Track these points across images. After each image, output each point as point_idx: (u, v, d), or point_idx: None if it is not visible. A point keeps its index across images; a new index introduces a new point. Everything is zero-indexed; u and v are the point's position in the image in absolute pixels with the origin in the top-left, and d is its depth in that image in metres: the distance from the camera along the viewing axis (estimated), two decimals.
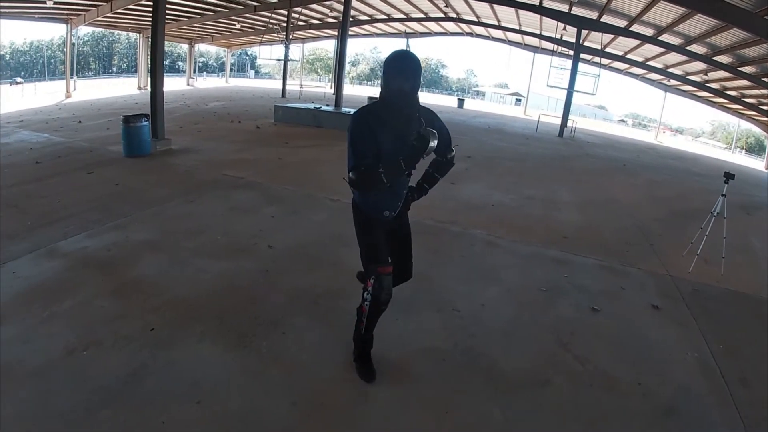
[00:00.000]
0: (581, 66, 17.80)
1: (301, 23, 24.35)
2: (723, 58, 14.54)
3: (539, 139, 15.58)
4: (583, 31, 16.46)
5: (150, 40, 7.70)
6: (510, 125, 19.56)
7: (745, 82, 15.80)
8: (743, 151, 44.12)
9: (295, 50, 22.09)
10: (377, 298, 2.23)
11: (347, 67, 22.28)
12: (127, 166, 6.26)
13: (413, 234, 2.54)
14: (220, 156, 7.10)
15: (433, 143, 2.01)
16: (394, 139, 2.13)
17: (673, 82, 21.47)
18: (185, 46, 30.29)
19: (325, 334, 2.70)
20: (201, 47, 33.52)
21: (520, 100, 53.82)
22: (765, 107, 19.24)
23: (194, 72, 28.93)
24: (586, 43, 18.81)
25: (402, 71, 2.09)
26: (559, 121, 18.36)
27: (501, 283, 3.70)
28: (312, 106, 12.92)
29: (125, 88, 20.29)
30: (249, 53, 51.01)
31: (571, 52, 17.67)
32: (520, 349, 2.81)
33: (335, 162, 7.63)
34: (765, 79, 14.20)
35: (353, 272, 3.54)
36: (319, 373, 2.35)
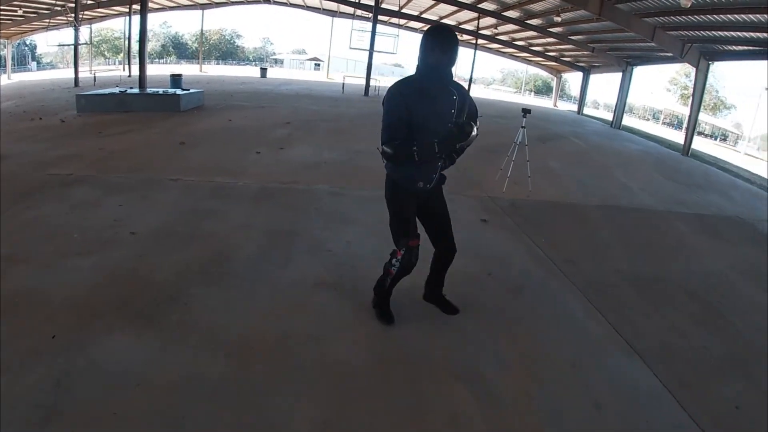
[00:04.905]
0: (381, 27, 18.99)
1: (89, 2, 20.72)
2: (512, 13, 17.22)
3: (348, 99, 16.63)
4: None
5: None
6: (317, 90, 20.19)
7: (532, 33, 18.96)
8: (532, 93, 53.11)
9: (85, 32, 18.93)
10: (405, 267, 2.42)
11: (135, 45, 20.10)
12: None
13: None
14: (37, 156, 6.22)
15: (474, 133, 2.13)
16: (430, 115, 2.19)
17: (465, 36, 24.34)
18: None
19: (227, 295, 2.95)
20: None
21: (319, 65, 55.10)
22: (550, 53, 23.56)
23: None
24: (384, 5, 19.86)
25: (444, 46, 2.12)
26: (363, 82, 19.58)
27: (357, 224, 4.37)
28: (117, 90, 11.81)
29: None
30: (28, 42, 41.09)
31: (371, 15, 18.66)
32: None
33: (159, 144, 7.39)
34: (550, 29, 17.37)
35: (228, 239, 3.79)
36: (240, 325, 2.63)
